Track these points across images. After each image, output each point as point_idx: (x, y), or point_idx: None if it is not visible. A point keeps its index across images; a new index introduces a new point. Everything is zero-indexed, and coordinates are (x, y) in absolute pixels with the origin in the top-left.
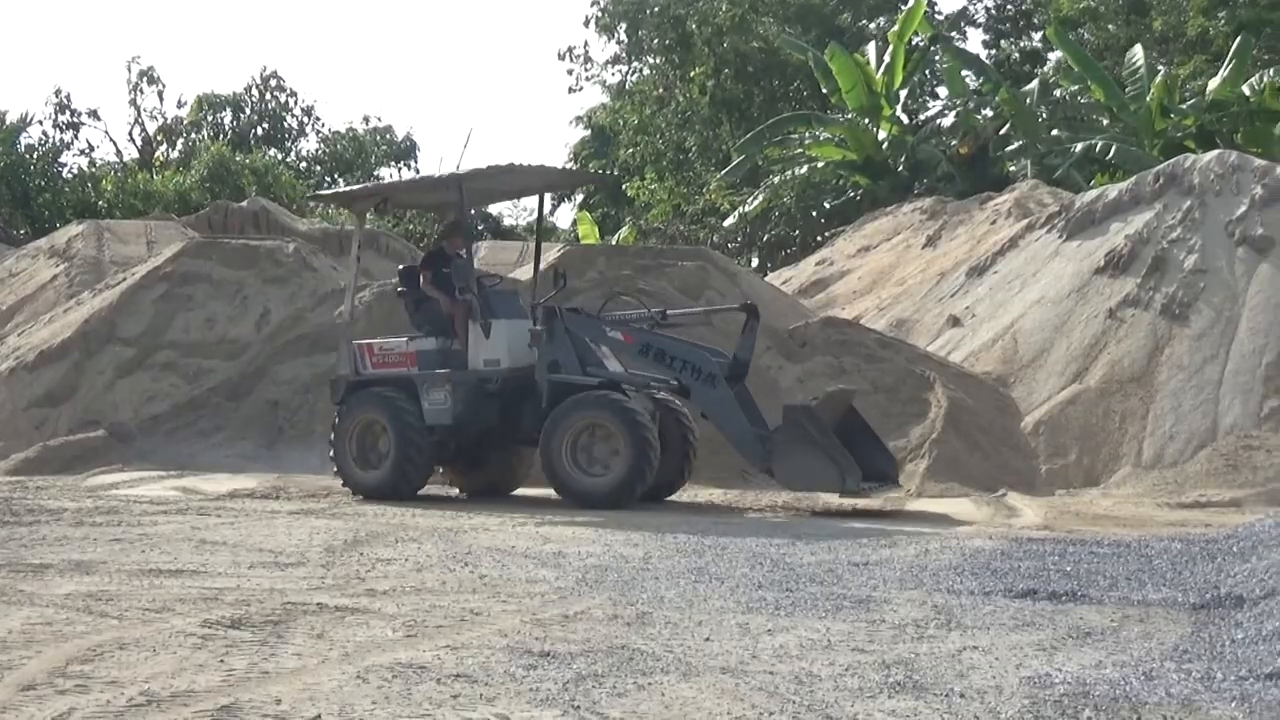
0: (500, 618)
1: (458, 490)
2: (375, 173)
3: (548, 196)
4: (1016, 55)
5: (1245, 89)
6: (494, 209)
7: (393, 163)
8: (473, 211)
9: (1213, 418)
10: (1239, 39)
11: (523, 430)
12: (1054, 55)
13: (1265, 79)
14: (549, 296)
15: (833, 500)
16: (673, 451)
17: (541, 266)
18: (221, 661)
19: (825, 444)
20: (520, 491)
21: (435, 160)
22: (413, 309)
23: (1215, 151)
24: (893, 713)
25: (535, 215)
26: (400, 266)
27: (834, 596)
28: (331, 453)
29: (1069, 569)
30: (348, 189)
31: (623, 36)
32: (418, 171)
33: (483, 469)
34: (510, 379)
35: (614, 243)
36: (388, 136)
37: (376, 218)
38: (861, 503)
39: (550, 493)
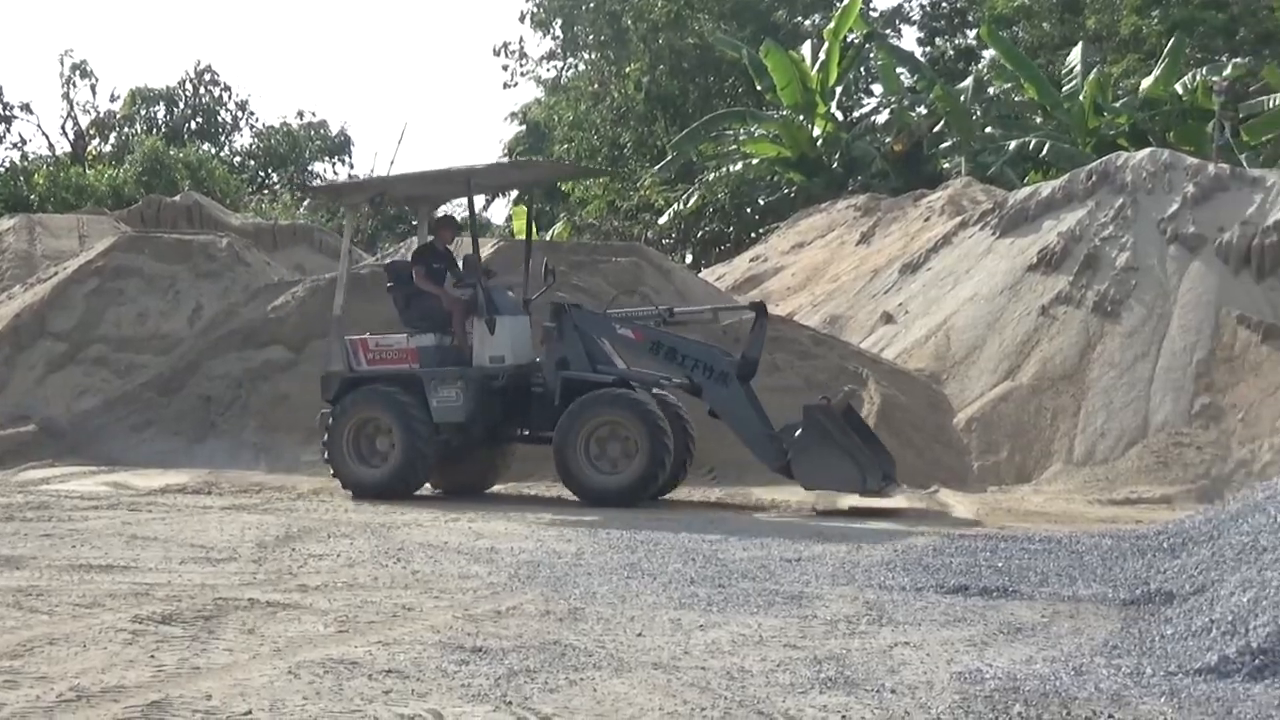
0: (432, 613)
1: (432, 488)
2: (309, 168)
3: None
4: (951, 53)
5: (1178, 88)
6: None
7: (327, 158)
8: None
9: (1144, 415)
10: (1172, 38)
11: (532, 428)
12: (988, 53)
13: (1197, 78)
14: (540, 292)
15: (841, 500)
16: (675, 452)
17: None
18: (152, 657)
19: (845, 443)
20: (532, 490)
21: (370, 156)
22: (403, 304)
23: (1148, 150)
24: (824, 708)
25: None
26: (387, 261)
27: (766, 592)
28: (325, 452)
29: (1000, 565)
30: (343, 181)
31: (558, 32)
32: (352, 167)
33: (461, 466)
34: (514, 376)
35: (548, 239)
36: (322, 132)
37: (373, 212)
38: (881, 502)
39: (525, 489)
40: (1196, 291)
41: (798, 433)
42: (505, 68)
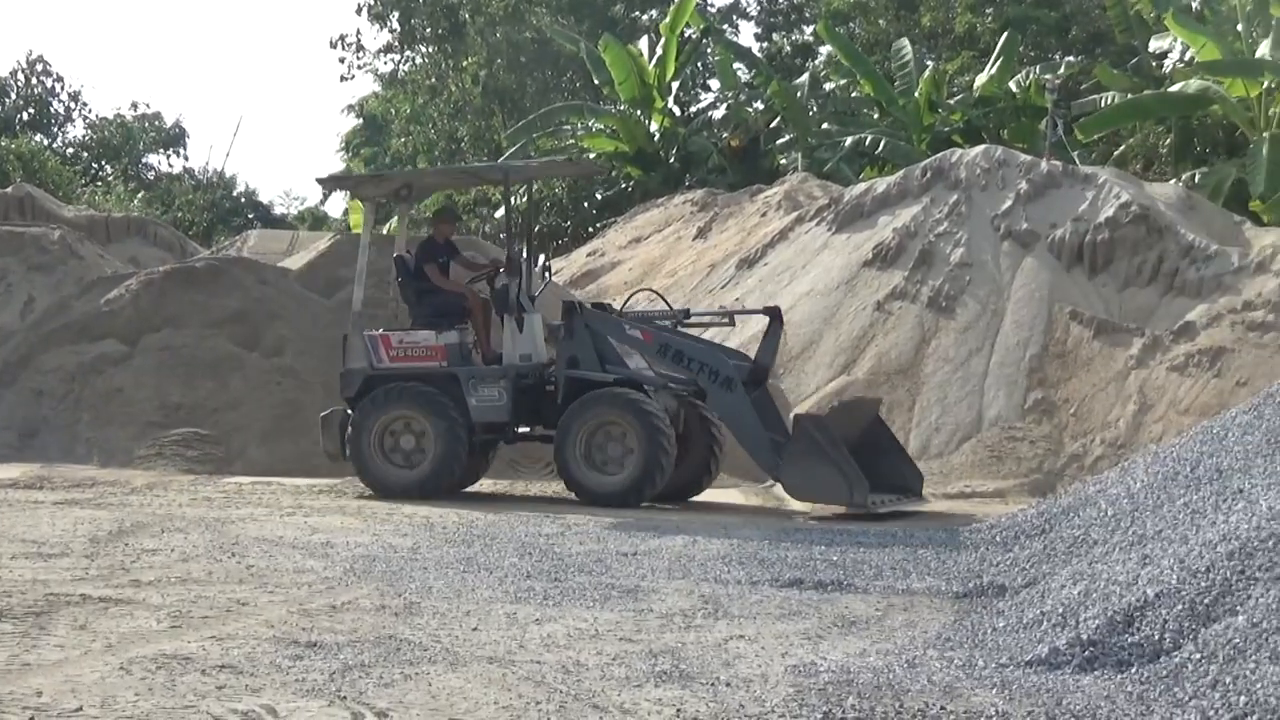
0: (267, 608)
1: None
2: (143, 160)
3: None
4: (788, 49)
5: (1012, 85)
6: (264, 198)
7: (161, 150)
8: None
9: (978, 409)
10: (1006, 36)
11: (545, 427)
12: (825, 49)
13: (1031, 76)
14: (540, 290)
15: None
16: (697, 452)
17: (319, 257)
18: None
19: (835, 456)
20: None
21: (205, 149)
22: (414, 300)
23: (981, 146)
24: (659, 701)
25: (306, 204)
26: (395, 255)
27: (602, 586)
28: (347, 451)
29: (835, 558)
30: (364, 174)
31: (395, 25)
32: (187, 159)
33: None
34: (540, 374)
35: (385, 232)
36: (156, 124)
37: (397, 205)
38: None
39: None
40: (1029, 287)
41: (787, 442)
42: (342, 60)
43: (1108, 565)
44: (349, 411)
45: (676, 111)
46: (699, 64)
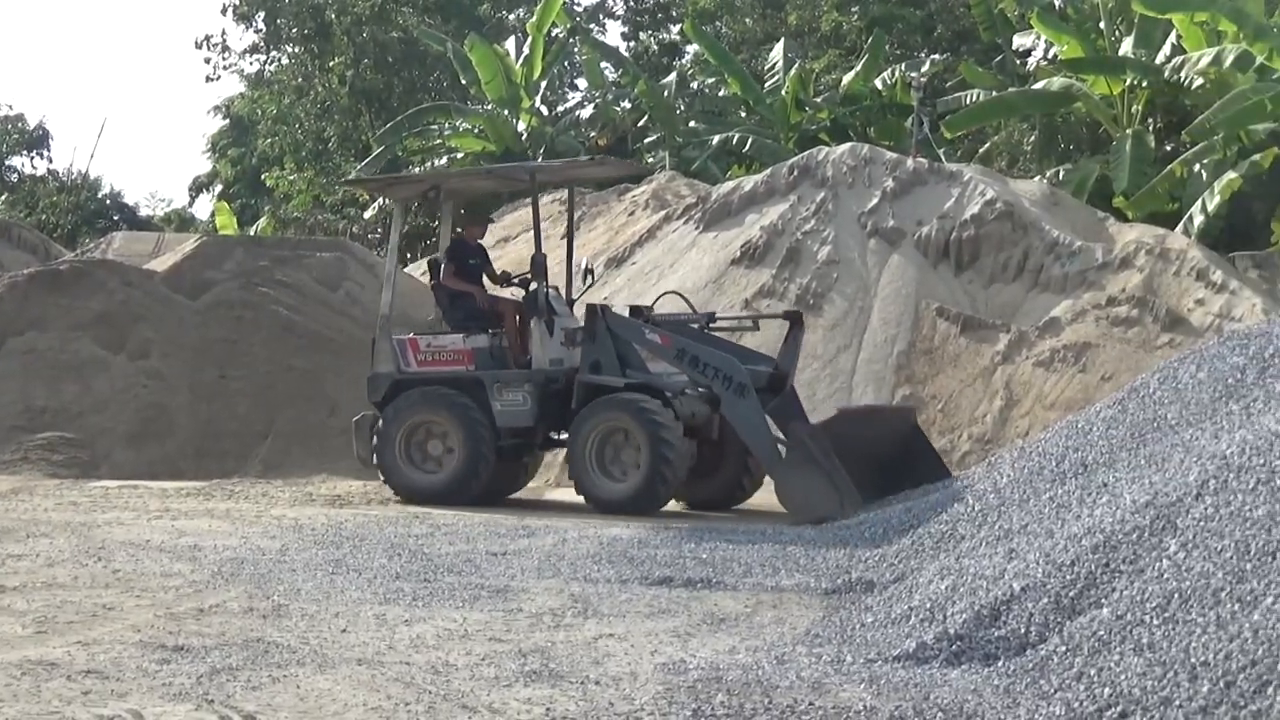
0: (133, 612)
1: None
2: (6, 161)
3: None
4: (655, 48)
5: (878, 83)
6: (130, 199)
7: (25, 151)
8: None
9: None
10: (873, 35)
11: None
12: (692, 48)
13: (896, 74)
14: (581, 293)
15: None
16: (733, 458)
17: (185, 259)
18: None
19: (827, 466)
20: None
21: (69, 150)
22: (447, 303)
23: (848, 144)
24: (529, 701)
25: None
26: (430, 258)
27: (472, 586)
28: (375, 456)
29: (705, 556)
30: (392, 175)
31: (261, 25)
32: (51, 161)
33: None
34: (570, 379)
35: (252, 233)
36: (19, 125)
37: (425, 206)
38: None
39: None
40: (896, 284)
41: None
42: (208, 61)
43: (975, 560)
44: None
45: (544, 111)
46: (566, 63)
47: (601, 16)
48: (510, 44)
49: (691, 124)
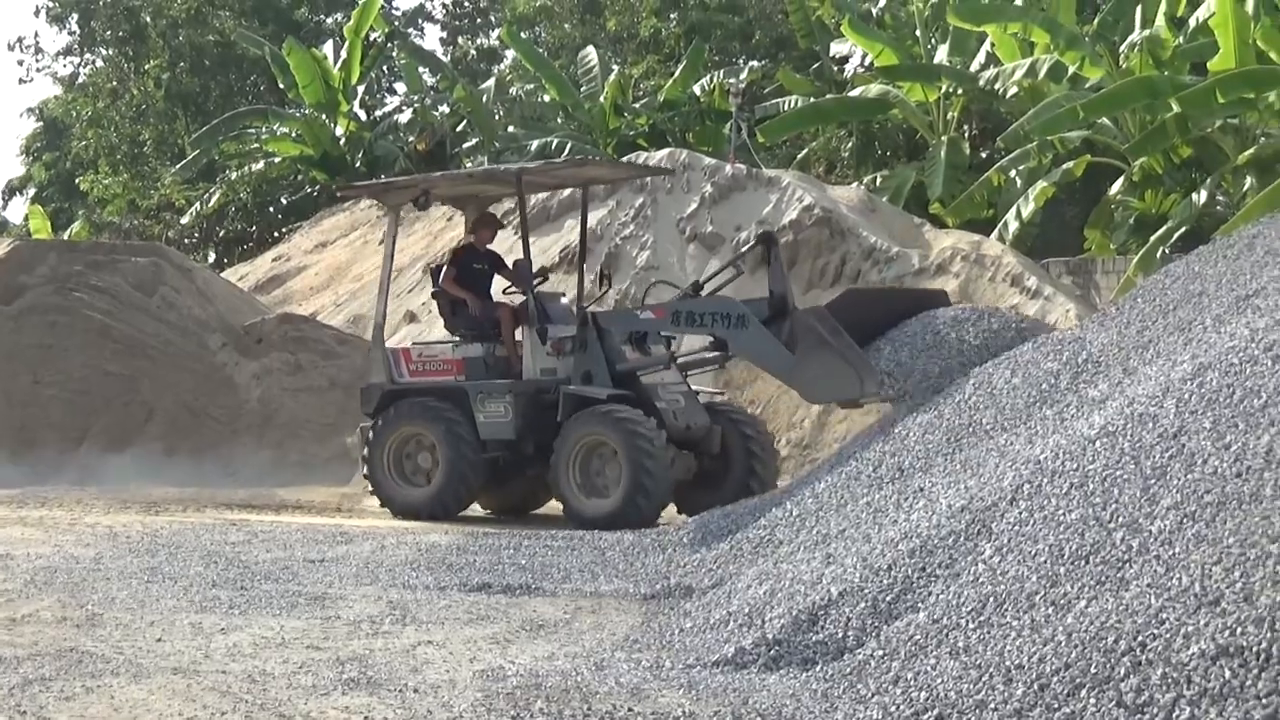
0: None
1: (482, 508)
2: None
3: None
4: (474, 53)
5: (696, 89)
6: None
7: None
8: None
9: None
10: (692, 42)
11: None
12: (511, 53)
13: (715, 80)
14: (596, 299)
15: None
16: (738, 470)
17: (1, 262)
18: None
19: (838, 345)
20: None
21: None
22: (448, 311)
23: (666, 150)
24: (346, 709)
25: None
26: (433, 265)
27: (289, 594)
28: (365, 468)
29: (523, 562)
30: (384, 180)
31: (75, 28)
32: None
33: (509, 485)
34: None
35: (66, 238)
36: None
37: (416, 212)
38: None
39: None
40: (709, 290)
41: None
42: (21, 63)
43: (793, 565)
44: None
45: (362, 115)
46: (384, 68)
47: (420, 21)
48: (328, 48)
49: (510, 129)
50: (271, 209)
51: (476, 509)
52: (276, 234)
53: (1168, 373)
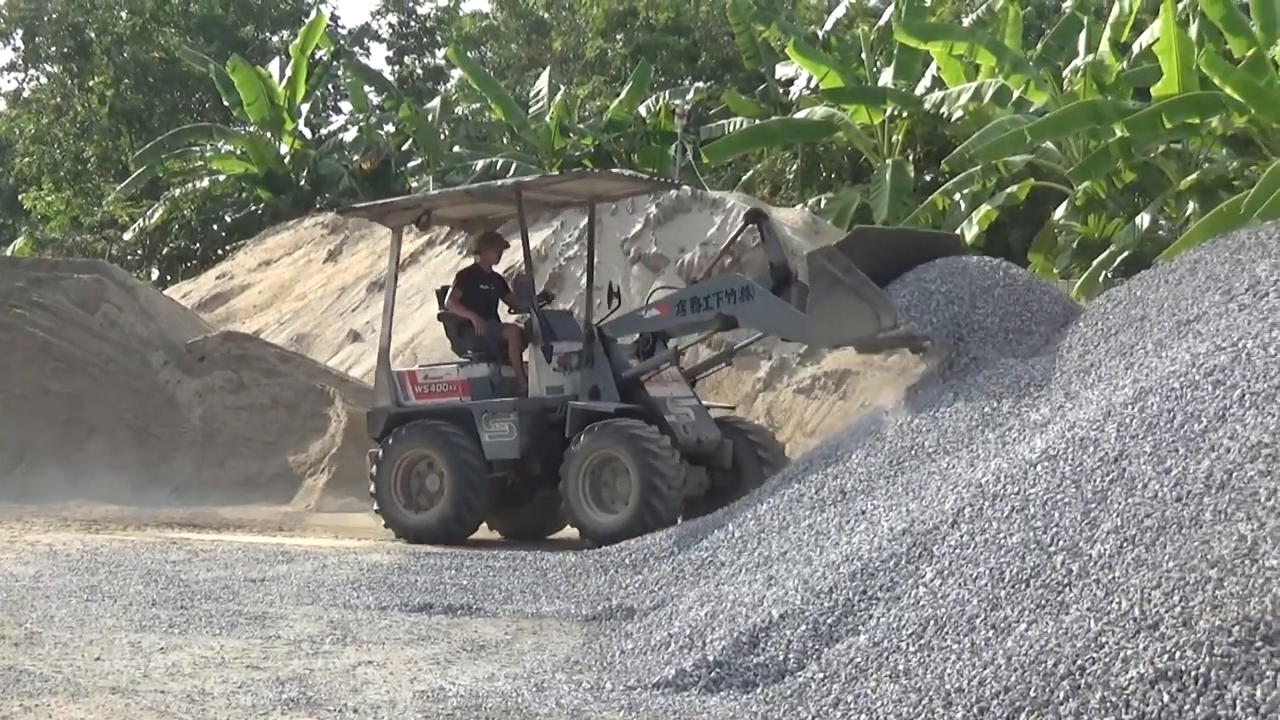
0: None
1: (498, 533)
2: None
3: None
4: (420, 72)
5: (642, 110)
6: None
7: None
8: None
9: None
10: (639, 64)
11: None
12: (457, 73)
13: (661, 101)
14: (606, 316)
15: None
16: (748, 479)
17: None
18: None
19: (852, 282)
20: None
21: None
22: (454, 332)
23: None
24: None
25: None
26: (440, 286)
27: (229, 613)
28: (373, 490)
29: (465, 583)
30: (385, 200)
31: (19, 44)
32: None
33: (522, 509)
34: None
35: (9, 254)
36: None
37: (419, 234)
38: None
39: None
40: None
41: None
42: None
43: (734, 587)
44: None
45: (307, 134)
46: (330, 86)
47: (366, 40)
48: (274, 66)
49: (455, 149)
50: (215, 227)
51: (488, 533)
52: (220, 252)
53: (1109, 397)
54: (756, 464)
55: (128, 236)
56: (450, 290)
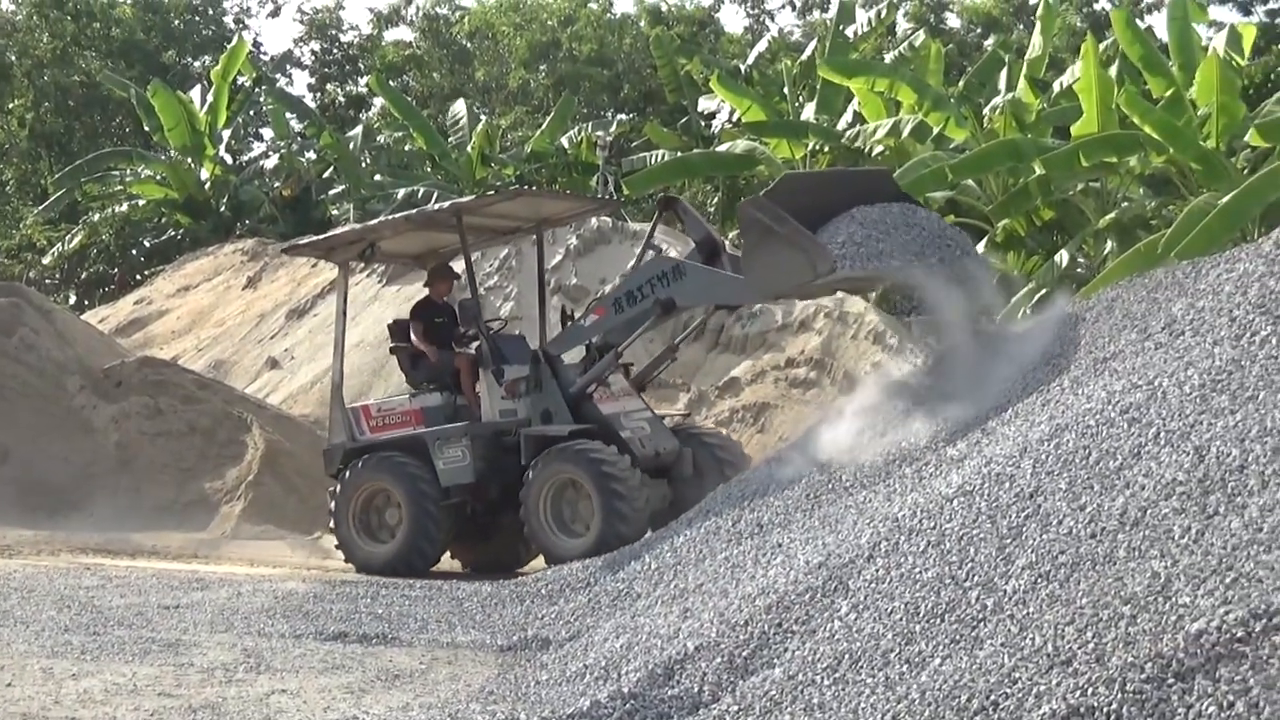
0: None
1: (462, 565)
2: None
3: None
4: (342, 99)
5: (564, 141)
6: None
7: None
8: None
9: None
10: (562, 95)
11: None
12: (379, 101)
13: (583, 132)
14: (554, 339)
15: None
16: (711, 486)
17: None
18: None
19: (785, 230)
20: None
21: None
22: (408, 365)
23: None
24: None
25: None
26: (391, 320)
27: (143, 640)
28: (331, 526)
29: (380, 611)
30: (326, 235)
31: None
32: None
33: (489, 540)
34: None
35: None
36: None
37: (364, 268)
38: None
39: None
40: None
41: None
42: None
43: (650, 618)
44: None
45: (228, 160)
46: (251, 112)
47: (288, 67)
48: (195, 92)
49: (377, 177)
50: (134, 252)
51: (451, 564)
52: (139, 277)
53: (1025, 433)
54: (718, 467)
55: (46, 260)
56: (411, 324)
